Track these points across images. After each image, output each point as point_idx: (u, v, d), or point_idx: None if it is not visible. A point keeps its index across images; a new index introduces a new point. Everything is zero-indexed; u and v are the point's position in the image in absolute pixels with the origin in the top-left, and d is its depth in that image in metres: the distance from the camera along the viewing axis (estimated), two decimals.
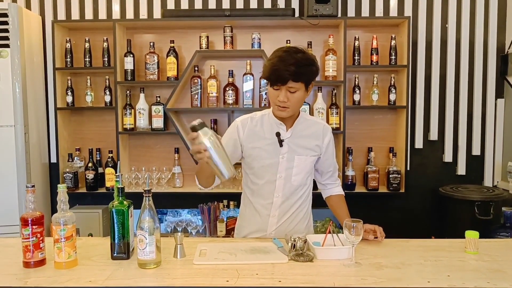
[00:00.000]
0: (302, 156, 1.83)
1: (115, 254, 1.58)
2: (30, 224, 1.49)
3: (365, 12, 3.32)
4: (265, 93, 3.14)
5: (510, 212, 2.72)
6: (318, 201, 3.21)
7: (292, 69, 1.63)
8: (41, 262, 1.52)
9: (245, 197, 1.95)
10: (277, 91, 1.70)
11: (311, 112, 3.19)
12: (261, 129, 1.84)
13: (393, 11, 3.32)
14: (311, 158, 1.85)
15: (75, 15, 3.35)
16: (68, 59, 3.21)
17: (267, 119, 1.85)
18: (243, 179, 1.96)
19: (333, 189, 2.01)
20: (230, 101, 3.16)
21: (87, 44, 3.22)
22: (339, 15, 3.17)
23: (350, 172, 3.17)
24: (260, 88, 3.19)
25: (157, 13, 3.34)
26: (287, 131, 1.82)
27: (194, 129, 1.51)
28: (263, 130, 1.84)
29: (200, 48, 3.16)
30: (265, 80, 1.79)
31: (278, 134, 1.80)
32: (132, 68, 3.19)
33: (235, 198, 3.17)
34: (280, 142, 1.80)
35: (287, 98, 1.68)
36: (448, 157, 3.38)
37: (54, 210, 3.37)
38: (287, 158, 1.82)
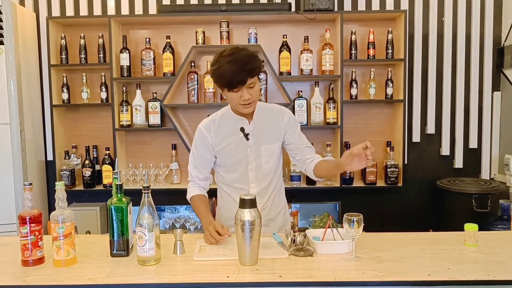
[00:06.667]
0: (268, 144, 1.88)
1: (115, 251, 1.58)
2: (28, 223, 1.48)
3: (362, 6, 3.31)
4: (261, 88, 3.13)
5: (508, 205, 2.72)
6: (316, 196, 3.23)
7: (248, 67, 1.68)
8: (40, 261, 1.52)
9: (221, 192, 2.01)
10: (237, 92, 1.73)
11: (309, 107, 3.18)
12: (225, 129, 1.89)
13: (390, 5, 3.31)
14: (277, 144, 1.91)
15: (70, 11, 3.32)
16: (63, 56, 3.19)
17: (227, 117, 1.89)
18: (216, 177, 2.02)
19: (314, 160, 1.91)
20: None
21: (82, 41, 3.19)
22: (336, 9, 3.16)
23: None
24: None
25: (152, 9, 3.31)
26: (249, 124, 1.87)
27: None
28: (227, 129, 1.88)
29: (197, 43, 3.14)
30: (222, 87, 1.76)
31: (242, 129, 1.85)
32: (128, 64, 3.17)
33: None
34: (246, 136, 1.85)
35: (250, 94, 1.74)
36: (445, 150, 3.39)
37: (51, 208, 3.35)
38: (255, 149, 1.88)
